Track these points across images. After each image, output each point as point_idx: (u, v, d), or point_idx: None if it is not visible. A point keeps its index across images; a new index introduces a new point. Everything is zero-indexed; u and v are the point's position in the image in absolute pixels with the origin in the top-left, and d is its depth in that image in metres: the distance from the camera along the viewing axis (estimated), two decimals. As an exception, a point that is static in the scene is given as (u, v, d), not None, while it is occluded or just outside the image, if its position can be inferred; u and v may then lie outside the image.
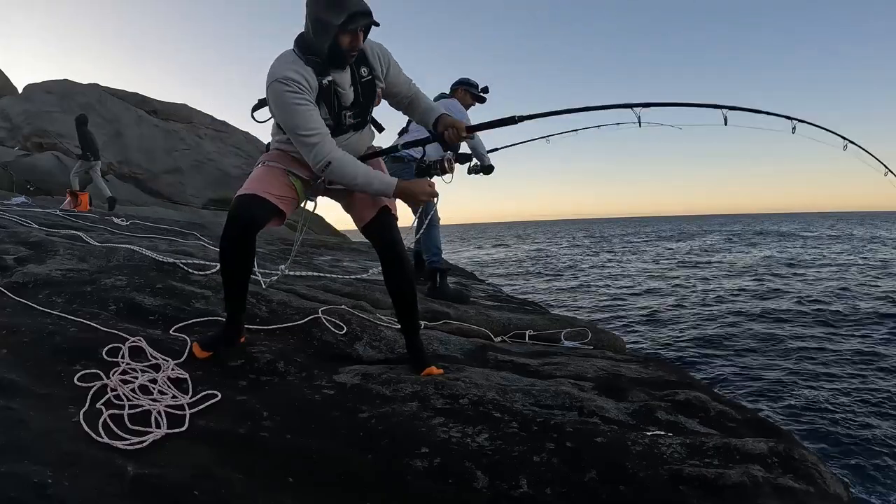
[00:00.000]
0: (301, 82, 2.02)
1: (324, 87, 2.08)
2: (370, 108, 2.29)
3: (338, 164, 2.08)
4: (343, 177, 2.12)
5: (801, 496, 1.48)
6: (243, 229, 2.12)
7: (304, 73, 2.04)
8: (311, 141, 2.06)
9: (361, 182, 2.13)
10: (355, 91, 2.19)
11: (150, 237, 5.02)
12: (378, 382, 2.17)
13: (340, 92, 2.15)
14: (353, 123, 2.25)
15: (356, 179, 2.12)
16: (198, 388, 1.93)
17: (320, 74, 2.07)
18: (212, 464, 1.51)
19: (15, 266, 3.02)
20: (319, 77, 2.07)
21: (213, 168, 17.26)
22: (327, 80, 2.08)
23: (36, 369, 1.89)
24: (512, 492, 1.52)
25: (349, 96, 2.18)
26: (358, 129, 2.30)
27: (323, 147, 2.06)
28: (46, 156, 14.71)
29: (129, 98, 18.13)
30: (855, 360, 8.69)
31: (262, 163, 2.29)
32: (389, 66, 2.27)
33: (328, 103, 2.13)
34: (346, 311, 2.96)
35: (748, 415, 2.21)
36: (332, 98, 2.13)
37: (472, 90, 4.57)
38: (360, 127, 2.31)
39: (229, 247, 2.14)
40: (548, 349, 3.20)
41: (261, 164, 2.30)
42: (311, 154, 2.08)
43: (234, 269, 2.20)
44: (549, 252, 37.50)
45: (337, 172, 2.10)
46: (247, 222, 2.11)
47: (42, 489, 1.22)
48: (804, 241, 37.37)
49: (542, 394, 2.15)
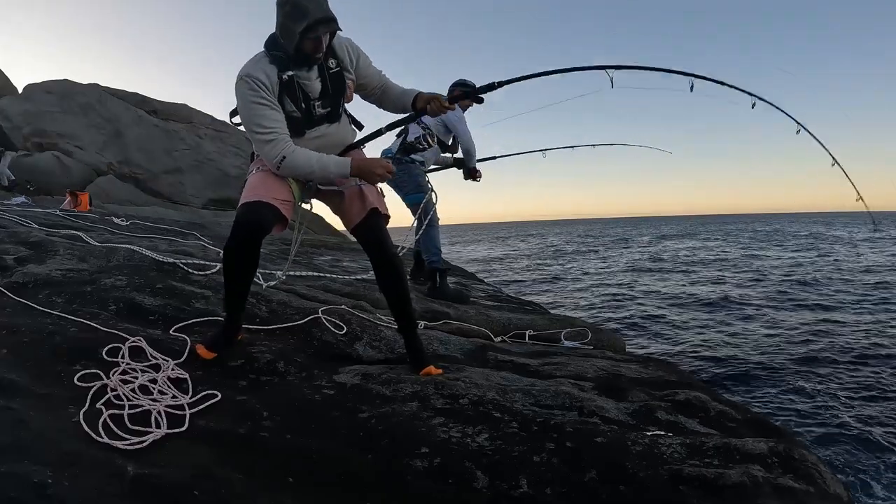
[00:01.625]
0: (261, 79, 2.08)
1: (284, 81, 2.13)
2: (341, 99, 2.32)
3: (291, 158, 2.13)
4: (298, 169, 2.16)
5: (801, 496, 1.48)
6: (251, 234, 2.14)
7: (265, 70, 2.10)
8: (265, 138, 2.11)
9: (317, 169, 2.17)
10: (323, 82, 2.22)
11: (150, 237, 5.01)
12: (378, 382, 2.17)
13: (304, 83, 2.19)
14: (324, 114, 2.27)
15: (312, 168, 2.16)
16: (198, 388, 1.93)
17: (282, 70, 2.12)
18: (212, 464, 1.51)
19: (15, 266, 3.02)
20: (280, 73, 2.12)
21: (213, 168, 17.24)
22: (287, 75, 2.13)
23: (36, 369, 1.89)
24: (512, 492, 1.52)
25: (316, 87, 2.22)
26: (332, 122, 2.33)
27: (276, 145, 2.11)
28: (46, 156, 14.69)
29: (129, 98, 18.10)
30: (855, 361, 8.69)
31: (258, 168, 2.29)
32: (359, 58, 2.31)
33: (292, 96, 2.17)
34: (346, 311, 2.96)
35: (748, 415, 2.21)
36: (297, 91, 2.17)
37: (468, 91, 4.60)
38: (334, 119, 2.33)
39: (236, 252, 2.15)
40: (548, 349, 3.20)
41: (254, 170, 2.29)
42: (265, 151, 2.14)
43: (238, 274, 2.21)
44: (550, 252, 37.49)
45: (291, 166, 2.14)
46: (255, 228, 2.13)
47: (42, 489, 1.23)
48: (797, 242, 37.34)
49: (542, 394, 2.15)
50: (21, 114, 16.06)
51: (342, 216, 2.41)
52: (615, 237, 57.86)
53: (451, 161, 4.82)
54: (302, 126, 2.21)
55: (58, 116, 16.01)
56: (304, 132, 2.23)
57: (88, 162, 15.44)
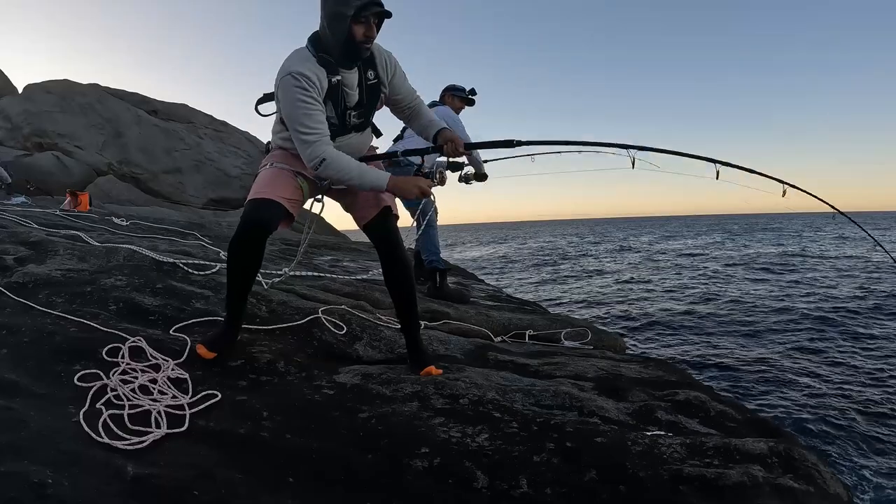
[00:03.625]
0: (312, 79, 2.08)
1: (332, 85, 2.14)
2: (373, 111, 2.35)
3: (331, 161, 2.13)
4: (337, 172, 2.16)
5: (801, 496, 1.48)
6: (257, 232, 2.14)
7: (316, 72, 2.10)
8: (310, 139, 2.10)
9: (355, 177, 2.17)
10: (360, 93, 2.24)
11: (150, 237, 5.01)
12: (378, 382, 2.17)
13: (347, 92, 2.21)
14: (356, 124, 2.29)
15: (350, 175, 2.17)
16: (198, 388, 1.93)
17: (331, 73, 2.13)
18: (212, 464, 1.51)
19: (15, 266, 3.02)
20: (330, 76, 2.13)
21: (213, 168, 17.23)
22: (336, 80, 2.14)
23: (36, 369, 1.89)
24: (512, 492, 1.52)
25: (354, 97, 2.23)
26: (360, 131, 2.35)
27: (319, 146, 2.11)
28: (46, 156, 14.69)
29: (129, 98, 18.09)
30: (856, 361, 8.69)
31: (270, 164, 2.30)
32: (395, 74, 2.32)
33: (335, 102, 2.18)
34: (346, 311, 2.96)
35: (748, 415, 2.21)
36: (339, 98, 2.19)
37: (459, 94, 4.66)
38: (362, 128, 2.36)
39: (241, 249, 2.16)
40: (548, 349, 3.20)
41: (268, 165, 2.31)
42: (306, 151, 2.13)
43: (242, 272, 2.21)
44: (550, 252, 37.49)
45: (331, 169, 2.14)
46: (261, 226, 2.14)
47: (42, 489, 1.22)
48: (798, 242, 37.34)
49: (542, 394, 2.15)
50: (21, 114, 16.06)
51: (354, 213, 2.42)
52: (616, 237, 57.87)
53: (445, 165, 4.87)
54: (335, 133, 2.22)
55: (58, 116, 16.01)
56: (335, 139, 2.24)
57: (88, 162, 15.45)
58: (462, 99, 4.68)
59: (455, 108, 4.63)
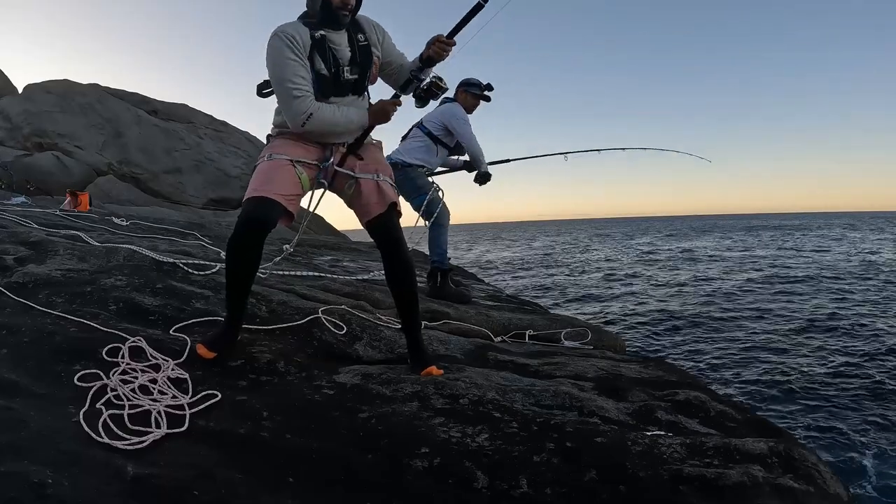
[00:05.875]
0: (291, 35, 2.17)
1: (316, 38, 2.21)
2: (368, 72, 2.37)
3: (317, 113, 2.19)
4: (324, 124, 2.21)
5: (801, 496, 1.48)
6: (255, 232, 2.14)
7: (298, 30, 2.19)
8: (294, 94, 2.16)
9: (342, 123, 2.24)
10: (352, 51, 2.29)
11: (150, 237, 5.01)
12: (378, 382, 2.17)
13: (335, 48, 2.26)
14: (352, 81, 2.31)
15: (337, 123, 2.23)
16: (198, 388, 1.93)
17: (313, 30, 2.21)
18: (212, 464, 1.51)
19: (15, 266, 3.02)
20: (311, 31, 2.21)
21: (213, 168, 17.22)
22: (319, 34, 2.22)
23: (36, 369, 1.89)
24: (512, 492, 1.52)
25: (346, 53, 2.29)
26: (357, 94, 2.37)
27: (303, 101, 2.17)
28: (46, 156, 14.69)
29: (129, 98, 18.07)
30: (856, 360, 8.69)
31: (267, 156, 2.30)
32: (384, 37, 2.41)
33: (322, 55, 2.23)
34: (346, 311, 2.96)
35: (748, 415, 2.21)
36: (327, 51, 2.24)
37: (472, 90, 4.40)
38: (359, 91, 2.38)
39: (239, 249, 2.16)
40: (548, 349, 3.20)
41: (265, 157, 2.30)
42: (292, 107, 2.17)
43: (241, 271, 2.21)
44: (551, 252, 37.49)
45: (318, 121, 2.19)
46: (258, 225, 2.14)
47: (42, 489, 1.22)
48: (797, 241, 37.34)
49: (542, 394, 2.15)
50: (21, 114, 16.05)
51: (357, 209, 2.41)
52: (617, 237, 57.86)
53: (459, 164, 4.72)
54: (329, 88, 2.26)
55: (58, 116, 16.00)
56: (330, 97, 2.28)
57: (88, 162, 15.43)
58: (475, 96, 4.40)
59: (469, 106, 4.38)
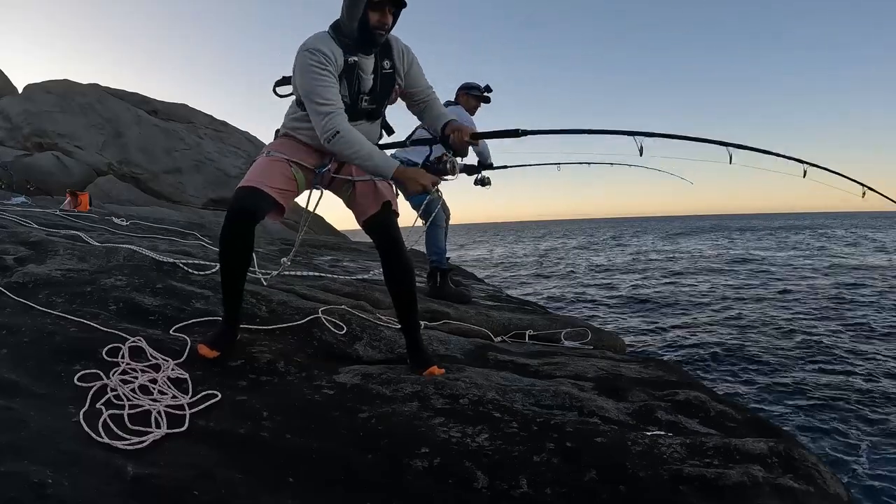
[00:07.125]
0: (328, 55, 2.14)
1: (349, 64, 2.20)
2: (385, 101, 2.37)
3: (345, 134, 2.15)
4: (349, 147, 2.17)
5: (801, 496, 1.48)
6: (242, 221, 2.15)
7: (332, 49, 2.16)
8: (325, 110, 2.14)
9: (365, 156, 2.18)
10: (375, 79, 2.28)
11: (150, 237, 5.01)
12: (378, 382, 2.17)
13: (362, 76, 2.25)
14: (368, 110, 2.31)
15: (360, 153, 2.18)
16: (198, 388, 1.93)
17: (348, 54, 2.19)
18: (212, 464, 1.51)
19: (15, 266, 3.02)
20: (346, 55, 2.19)
21: (213, 168, 17.22)
22: (353, 59, 2.20)
23: (36, 369, 1.89)
24: (512, 492, 1.52)
25: (368, 82, 2.27)
26: (371, 119, 2.37)
27: (334, 118, 2.14)
28: (46, 156, 14.69)
29: (129, 98, 18.07)
30: (856, 360, 8.69)
31: (266, 153, 2.31)
32: (411, 66, 2.36)
33: (349, 82, 2.22)
34: (346, 311, 2.96)
35: (748, 415, 2.21)
36: (354, 79, 2.23)
37: (473, 93, 4.60)
38: (373, 117, 2.38)
39: (229, 238, 2.17)
40: (548, 349, 3.20)
41: (264, 154, 2.32)
42: (322, 122, 2.15)
43: (233, 262, 2.22)
44: (551, 252, 37.51)
45: (343, 142, 2.15)
46: (246, 214, 2.15)
47: (42, 489, 1.22)
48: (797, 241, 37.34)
49: (542, 394, 2.15)
50: (21, 114, 16.05)
51: (354, 208, 2.42)
52: (617, 237, 57.88)
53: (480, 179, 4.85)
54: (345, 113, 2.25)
55: (58, 116, 16.00)
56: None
57: (88, 162, 15.44)
58: (476, 98, 4.63)
59: (470, 108, 4.58)
